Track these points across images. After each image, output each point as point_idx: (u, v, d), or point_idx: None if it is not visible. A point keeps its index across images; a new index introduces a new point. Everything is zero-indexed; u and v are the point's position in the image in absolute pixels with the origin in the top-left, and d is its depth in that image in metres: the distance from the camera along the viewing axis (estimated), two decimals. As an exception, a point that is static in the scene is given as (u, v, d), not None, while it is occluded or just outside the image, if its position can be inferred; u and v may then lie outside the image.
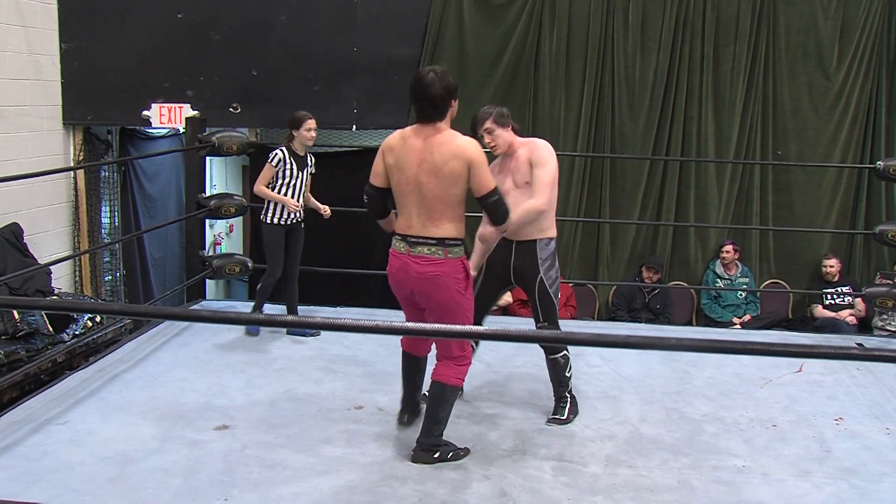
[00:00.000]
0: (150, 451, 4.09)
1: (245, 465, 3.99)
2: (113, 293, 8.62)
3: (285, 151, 5.92)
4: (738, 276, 8.08)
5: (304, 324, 4.64)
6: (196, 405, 4.69)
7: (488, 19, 7.91)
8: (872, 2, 7.75)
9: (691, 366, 5.54)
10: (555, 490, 3.85)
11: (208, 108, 7.83)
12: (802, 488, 3.95)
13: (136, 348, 5.64)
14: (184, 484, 3.78)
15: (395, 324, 2.66)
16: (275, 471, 3.94)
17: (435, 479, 3.89)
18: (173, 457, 4.04)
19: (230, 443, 4.22)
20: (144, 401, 4.73)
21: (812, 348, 2.77)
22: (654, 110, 7.99)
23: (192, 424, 4.42)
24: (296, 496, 3.72)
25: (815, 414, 4.83)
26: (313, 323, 2.73)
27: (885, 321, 7.75)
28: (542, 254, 4.59)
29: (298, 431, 4.38)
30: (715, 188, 8.10)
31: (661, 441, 4.42)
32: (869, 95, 7.92)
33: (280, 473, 3.92)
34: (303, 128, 5.92)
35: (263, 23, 7.91)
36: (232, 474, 3.89)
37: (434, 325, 3.25)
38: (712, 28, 7.87)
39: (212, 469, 3.93)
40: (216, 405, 4.70)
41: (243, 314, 2.99)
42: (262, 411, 4.64)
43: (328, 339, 5.85)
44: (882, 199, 8.02)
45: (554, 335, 3.44)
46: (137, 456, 4.03)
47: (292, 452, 4.13)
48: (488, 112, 4.61)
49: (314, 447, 4.20)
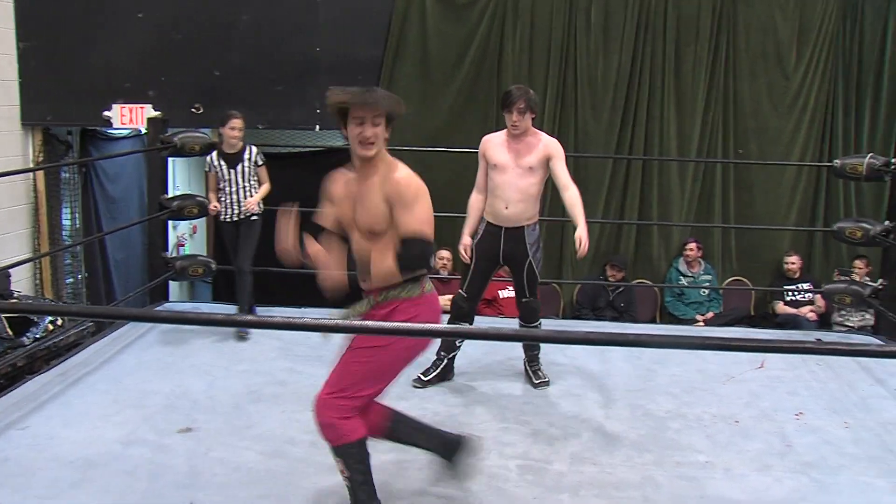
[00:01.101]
0: (113, 455, 4.05)
1: (210, 467, 3.96)
2: (75, 296, 8.52)
3: (214, 155, 6.05)
4: (701, 274, 8.16)
5: (263, 324, 4.52)
6: (159, 408, 4.65)
7: (451, 19, 7.92)
8: (828, 4, 7.87)
9: (655, 363, 5.58)
10: (520, 488, 3.87)
11: (170, 108, 7.76)
12: (764, 482, 4.00)
13: (99, 351, 5.59)
14: (148, 488, 3.76)
15: (365, 323, 2.66)
16: (240, 473, 3.92)
17: (400, 479, 3.89)
18: (137, 460, 4.01)
19: (194, 445, 4.19)
20: (107, 404, 4.68)
21: (772, 343, 2.81)
22: (617, 110, 8.06)
23: (156, 427, 4.39)
24: (261, 498, 3.71)
25: (777, 409, 4.89)
26: (274, 322, 2.72)
27: (844, 317, 7.87)
28: (530, 238, 5.01)
29: (263, 433, 4.36)
30: (678, 187, 8.18)
31: (625, 438, 4.45)
32: (826, 95, 8.05)
33: (245, 475, 3.90)
34: (226, 126, 5.97)
35: (226, 23, 7.87)
36: (196, 477, 3.87)
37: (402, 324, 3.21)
38: (673, 28, 7.95)
39: (176, 472, 3.90)
40: (180, 407, 4.67)
41: (205, 315, 2.97)
42: (226, 413, 4.61)
43: (293, 339, 5.82)
44: (840, 197, 8.16)
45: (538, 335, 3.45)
46: (100, 460, 3.99)
47: (257, 454, 4.11)
48: (525, 92, 4.89)
49: (279, 449, 4.18)
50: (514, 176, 4.91)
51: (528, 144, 4.92)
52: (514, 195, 4.92)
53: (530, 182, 4.92)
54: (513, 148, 4.94)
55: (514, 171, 4.91)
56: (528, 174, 4.91)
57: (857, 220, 6.68)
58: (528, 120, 4.91)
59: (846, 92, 8.07)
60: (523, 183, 4.91)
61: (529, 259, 5.00)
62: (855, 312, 7.76)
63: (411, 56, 7.90)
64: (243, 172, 6.03)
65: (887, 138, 8.00)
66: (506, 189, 4.92)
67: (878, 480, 4.03)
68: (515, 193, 4.92)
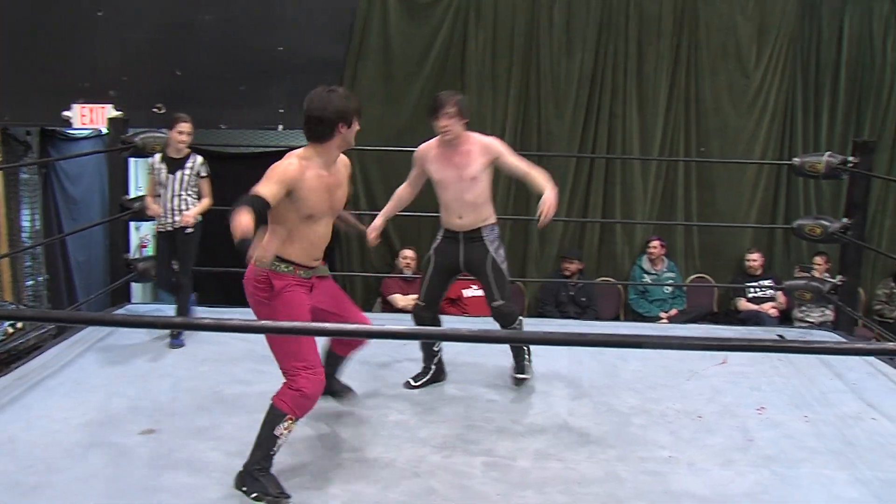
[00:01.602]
0: (75, 459, 4.00)
1: (172, 469, 3.93)
2: (36, 298, 8.42)
3: (157, 157, 5.81)
4: (665, 272, 8.23)
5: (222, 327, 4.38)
6: (122, 410, 4.60)
7: (414, 18, 7.92)
8: (787, 4, 7.97)
9: (619, 359, 5.62)
10: (485, 486, 3.87)
11: (131, 108, 7.68)
12: (726, 476, 4.03)
13: (60, 354, 5.51)
14: (109, 491, 3.71)
15: (326, 325, 2.66)
16: (202, 474, 3.89)
17: (363, 479, 3.88)
18: (98, 463, 3.96)
19: (157, 447, 4.15)
20: (68, 407, 4.62)
21: (735, 341, 2.83)
22: (580, 108, 8.11)
23: (118, 430, 4.34)
24: (224, 499, 3.68)
25: (739, 404, 4.94)
26: (233, 325, 2.71)
27: (805, 313, 7.97)
28: (489, 237, 4.91)
29: (226, 433, 4.33)
30: (640, 185, 8.24)
31: (589, 434, 4.47)
32: (786, 94, 8.16)
33: (208, 477, 3.87)
34: (174, 129, 5.73)
35: (188, 22, 7.80)
36: (159, 479, 3.83)
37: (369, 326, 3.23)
38: (636, 27, 8.01)
39: (138, 474, 3.87)
40: (142, 409, 4.62)
41: (166, 318, 2.95)
42: (189, 414, 4.57)
43: (257, 340, 5.74)
44: (800, 195, 8.28)
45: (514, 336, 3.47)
46: (61, 464, 3.94)
47: (220, 455, 4.08)
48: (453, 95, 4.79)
49: (243, 450, 4.13)
50: (459, 190, 4.77)
51: (466, 154, 4.76)
52: (465, 207, 4.82)
53: (477, 192, 4.79)
54: (452, 161, 4.77)
55: (458, 186, 4.76)
56: (473, 184, 4.76)
57: (817, 218, 6.78)
58: (460, 125, 4.72)
59: (805, 91, 8.19)
60: (470, 195, 4.78)
61: (492, 255, 4.86)
62: (815, 308, 7.86)
63: (374, 55, 7.89)
64: (182, 180, 5.76)
65: (845, 137, 8.14)
66: (454, 203, 4.82)
67: (837, 473, 4.08)
68: (465, 205, 4.81)
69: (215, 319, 2.76)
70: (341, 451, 4.17)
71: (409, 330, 3.93)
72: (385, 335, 3.35)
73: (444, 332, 4.11)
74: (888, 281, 8.29)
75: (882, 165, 8.11)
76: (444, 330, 4.91)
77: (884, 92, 8.16)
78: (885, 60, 8.10)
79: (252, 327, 2.90)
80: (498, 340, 4.56)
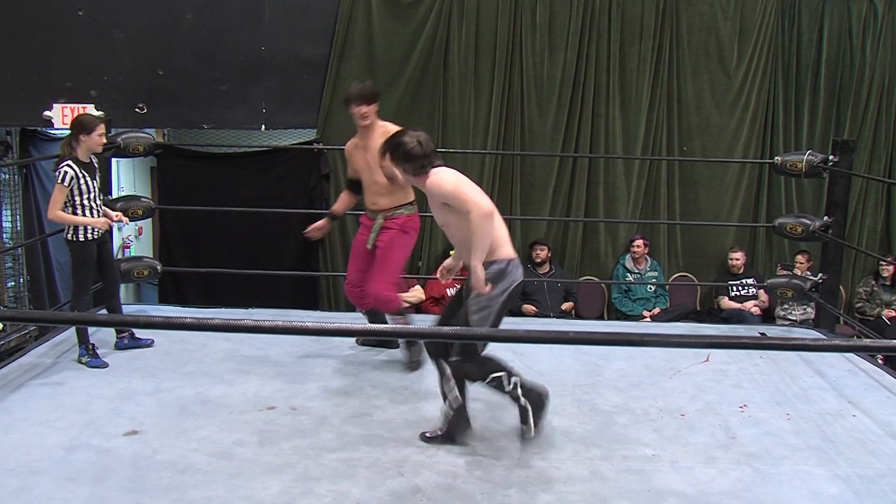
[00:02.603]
0: (56, 461, 3.98)
1: (156, 470, 3.92)
2: (17, 299, 8.37)
3: (73, 165, 5.14)
4: (648, 270, 8.26)
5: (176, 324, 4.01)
6: (104, 411, 4.58)
7: (397, 18, 7.92)
8: (767, 4, 8.02)
9: (602, 358, 5.64)
10: (469, 485, 3.88)
11: (113, 108, 7.64)
12: (709, 474, 4.06)
13: (41, 355, 5.48)
14: (92, 493, 3.70)
15: (307, 324, 2.66)
16: (186, 475, 3.88)
17: (349, 479, 3.89)
18: (80, 465, 3.95)
19: (140, 448, 4.14)
20: (50, 409, 4.59)
21: (717, 339, 2.86)
22: (563, 108, 8.12)
23: (101, 431, 4.32)
24: (208, 500, 3.67)
25: (721, 402, 4.96)
26: (216, 325, 2.70)
27: (787, 311, 8.02)
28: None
29: (210, 434, 4.32)
30: (623, 184, 8.27)
31: (572, 433, 4.49)
32: (767, 93, 8.21)
33: (192, 478, 3.86)
34: (95, 132, 5.18)
35: (169, 21, 7.76)
36: (142, 481, 3.82)
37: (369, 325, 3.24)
38: (618, 27, 8.04)
39: (121, 476, 3.85)
40: (125, 411, 4.60)
41: (145, 318, 2.94)
42: (172, 415, 4.56)
43: (240, 340, 5.78)
44: (781, 193, 8.34)
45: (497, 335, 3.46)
46: (42, 466, 3.92)
47: (204, 456, 4.07)
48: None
49: (226, 450, 4.15)
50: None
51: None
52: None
53: None
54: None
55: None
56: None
57: (798, 216, 6.83)
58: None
59: (786, 90, 8.24)
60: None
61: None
62: (797, 306, 7.91)
63: (357, 55, 7.88)
64: (98, 184, 5.35)
65: (825, 136, 8.18)
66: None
67: (817, 469, 4.11)
68: None
69: (197, 319, 2.76)
70: (326, 450, 4.17)
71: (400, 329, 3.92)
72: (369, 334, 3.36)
73: (429, 331, 4.10)
74: (869, 279, 8.37)
75: (862, 164, 8.18)
76: (427, 330, 4.92)
77: (863, 91, 8.22)
78: (865, 60, 8.16)
79: (235, 327, 2.89)
80: (483, 338, 4.56)
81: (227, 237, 8.09)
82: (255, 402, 4.78)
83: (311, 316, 6.80)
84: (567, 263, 8.41)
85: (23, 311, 7.64)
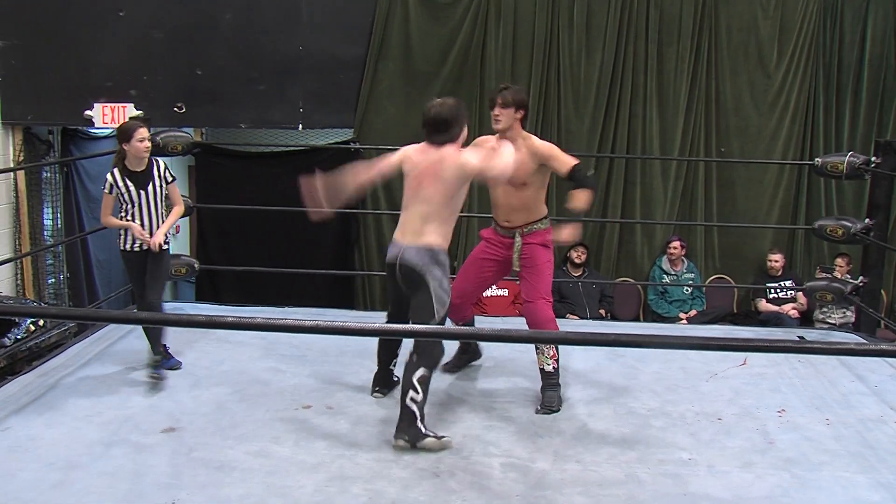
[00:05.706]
0: (95, 456, 4.03)
1: (192, 467, 3.95)
2: (57, 296, 8.47)
3: (116, 174, 5.05)
4: (684, 272, 8.20)
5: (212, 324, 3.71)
6: (142, 408, 4.63)
7: (434, 18, 7.92)
8: (808, 3, 7.92)
9: (638, 361, 5.60)
10: (503, 486, 3.87)
11: (152, 107, 7.73)
12: (746, 479, 4.02)
13: (81, 352, 5.55)
14: (130, 488, 3.74)
15: (347, 324, 2.66)
16: (222, 472, 3.91)
17: (384, 478, 3.89)
18: (119, 461, 3.99)
19: (177, 445, 4.18)
20: (89, 405, 4.66)
21: (755, 342, 2.82)
22: (600, 108, 8.08)
23: (139, 428, 4.37)
24: (244, 498, 3.70)
25: (759, 406, 4.91)
26: (254, 324, 2.72)
27: (826, 314, 7.92)
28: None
29: (246, 432, 4.35)
30: (660, 185, 8.21)
31: (608, 436, 4.46)
32: (807, 94, 8.10)
33: (228, 475, 3.89)
34: (134, 139, 4.98)
35: (208, 21, 7.83)
36: (179, 477, 3.85)
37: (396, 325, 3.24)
38: (656, 28, 7.97)
39: (158, 472, 3.89)
40: (163, 408, 4.65)
41: (185, 316, 2.97)
42: (209, 413, 4.59)
43: (277, 339, 5.81)
44: (821, 195, 8.22)
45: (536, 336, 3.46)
46: (82, 461, 3.97)
47: (240, 454, 4.10)
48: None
49: (262, 448, 4.17)
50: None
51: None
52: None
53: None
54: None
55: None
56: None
57: (838, 218, 6.73)
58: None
59: (826, 91, 8.12)
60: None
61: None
62: (836, 310, 7.81)
63: (394, 55, 7.90)
64: (155, 193, 5.12)
65: (867, 137, 8.06)
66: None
67: (858, 476, 4.05)
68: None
69: (236, 318, 2.77)
70: (361, 450, 4.18)
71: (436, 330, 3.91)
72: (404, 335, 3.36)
73: (467, 331, 4.09)
74: (911, 282, 8.24)
75: (904, 166, 8.04)
76: (465, 330, 4.92)
77: (907, 93, 8.09)
78: (909, 61, 8.03)
79: (273, 326, 2.91)
80: (518, 340, 4.55)
81: (263, 236, 8.14)
82: (292, 400, 4.80)
83: (348, 315, 6.82)
84: (603, 265, 8.37)
85: (63, 309, 7.74)
